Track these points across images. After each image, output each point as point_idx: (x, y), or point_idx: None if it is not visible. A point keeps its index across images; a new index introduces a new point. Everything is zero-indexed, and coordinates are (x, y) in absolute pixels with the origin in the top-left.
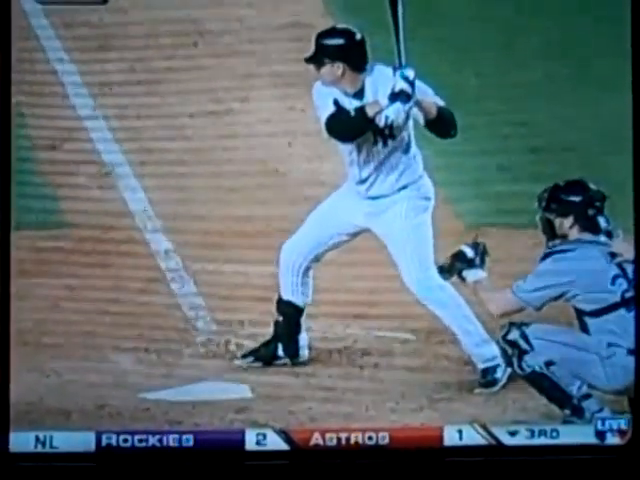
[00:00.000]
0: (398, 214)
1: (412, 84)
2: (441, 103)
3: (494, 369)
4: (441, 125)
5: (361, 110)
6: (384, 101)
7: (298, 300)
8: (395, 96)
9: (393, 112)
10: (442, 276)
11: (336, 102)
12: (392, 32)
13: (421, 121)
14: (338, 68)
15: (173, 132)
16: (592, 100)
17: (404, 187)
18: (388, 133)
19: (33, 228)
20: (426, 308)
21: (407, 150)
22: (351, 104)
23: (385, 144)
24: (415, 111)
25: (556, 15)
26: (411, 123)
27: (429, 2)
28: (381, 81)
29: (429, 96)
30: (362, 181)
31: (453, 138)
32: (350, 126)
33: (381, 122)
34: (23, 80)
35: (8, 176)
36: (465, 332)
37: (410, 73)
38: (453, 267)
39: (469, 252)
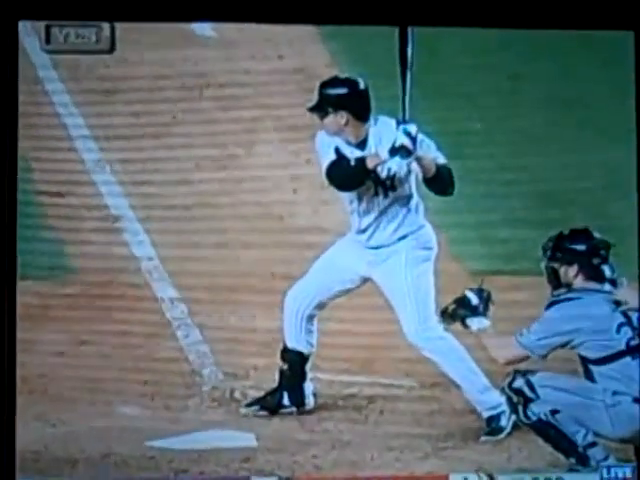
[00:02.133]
0: (397, 264)
1: (414, 140)
2: (442, 160)
3: (498, 417)
4: (439, 183)
5: (361, 161)
6: (384, 154)
7: (303, 348)
8: (395, 151)
9: (395, 165)
10: (444, 321)
11: (337, 150)
12: (399, 86)
13: (420, 176)
14: (342, 117)
15: (178, 178)
16: (597, 147)
17: (403, 237)
18: (389, 185)
19: (39, 275)
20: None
21: (408, 201)
22: (353, 154)
23: (386, 195)
24: (415, 166)
25: (560, 62)
26: (413, 175)
27: (434, 49)
28: (385, 133)
29: (432, 152)
30: (362, 231)
31: (450, 196)
32: (350, 176)
33: (383, 174)
34: (29, 126)
35: (14, 222)
36: (467, 381)
37: (412, 129)
38: (456, 313)
39: (473, 299)
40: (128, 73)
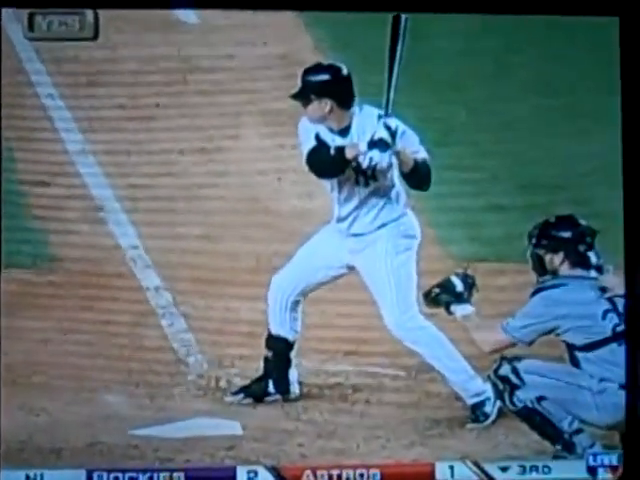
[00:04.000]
0: (378, 253)
1: (393, 134)
2: (423, 155)
3: (483, 403)
4: (415, 178)
5: (341, 150)
6: (364, 146)
7: (287, 334)
8: (374, 144)
9: (377, 156)
10: (426, 304)
11: (317, 137)
12: (385, 77)
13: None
14: (326, 104)
15: (163, 168)
16: (582, 134)
17: (383, 225)
18: (370, 174)
19: (23, 264)
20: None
21: (389, 190)
22: (334, 141)
23: (366, 184)
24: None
25: (545, 49)
26: (395, 165)
27: (419, 35)
28: (368, 123)
29: (414, 145)
30: (342, 219)
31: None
32: (329, 164)
33: (364, 164)
34: (13, 116)
35: None
36: (450, 370)
37: (393, 123)
38: (439, 298)
39: (458, 285)
40: (112, 60)
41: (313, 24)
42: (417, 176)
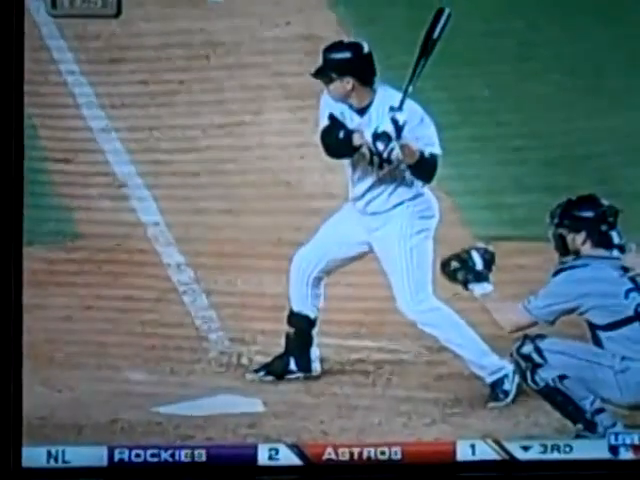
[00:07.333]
0: (392, 233)
1: (399, 129)
2: (435, 150)
3: (502, 381)
4: (418, 171)
5: (349, 135)
6: (369, 136)
7: (309, 311)
8: (377, 136)
9: (380, 148)
10: (443, 276)
11: (331, 117)
12: (410, 67)
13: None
14: (348, 83)
15: (185, 144)
16: (604, 113)
17: (400, 204)
18: (386, 158)
19: (45, 240)
20: None
21: (404, 172)
22: (352, 120)
23: (381, 167)
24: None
25: (569, 27)
26: None
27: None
28: (386, 107)
29: (428, 138)
30: (357, 198)
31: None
32: (338, 145)
33: (380, 147)
34: (36, 93)
35: (21, 188)
36: (466, 349)
37: (401, 117)
38: (457, 273)
39: (478, 262)
40: (134, 38)
41: (336, 2)
42: (420, 169)
